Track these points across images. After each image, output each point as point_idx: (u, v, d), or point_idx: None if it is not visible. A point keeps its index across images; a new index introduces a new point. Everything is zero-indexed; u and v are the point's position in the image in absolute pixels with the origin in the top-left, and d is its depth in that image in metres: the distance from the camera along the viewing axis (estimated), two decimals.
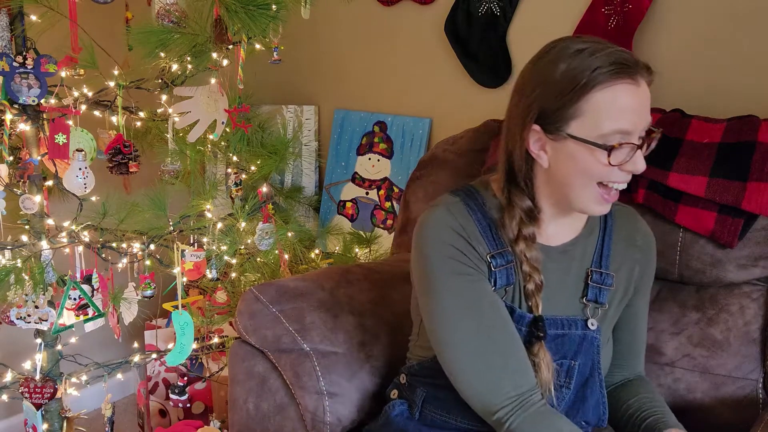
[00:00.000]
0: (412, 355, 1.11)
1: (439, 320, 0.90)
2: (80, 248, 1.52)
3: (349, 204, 2.13)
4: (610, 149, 0.83)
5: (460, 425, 1.00)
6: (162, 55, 1.53)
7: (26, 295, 1.48)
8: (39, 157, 1.50)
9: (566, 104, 0.84)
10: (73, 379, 1.65)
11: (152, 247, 1.58)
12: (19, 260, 1.45)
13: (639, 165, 0.85)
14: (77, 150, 1.45)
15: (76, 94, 1.49)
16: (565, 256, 0.96)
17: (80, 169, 1.46)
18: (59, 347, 1.63)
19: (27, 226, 1.54)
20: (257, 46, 1.67)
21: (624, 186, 0.88)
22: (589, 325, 0.95)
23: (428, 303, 0.92)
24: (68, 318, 1.51)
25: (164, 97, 1.64)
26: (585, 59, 0.83)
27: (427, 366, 1.02)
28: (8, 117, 1.44)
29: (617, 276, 0.98)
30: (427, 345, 1.03)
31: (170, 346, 1.84)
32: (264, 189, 1.73)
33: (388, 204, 2.04)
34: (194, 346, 1.72)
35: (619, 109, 0.82)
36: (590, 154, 0.84)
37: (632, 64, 0.83)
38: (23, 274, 1.44)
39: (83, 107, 1.50)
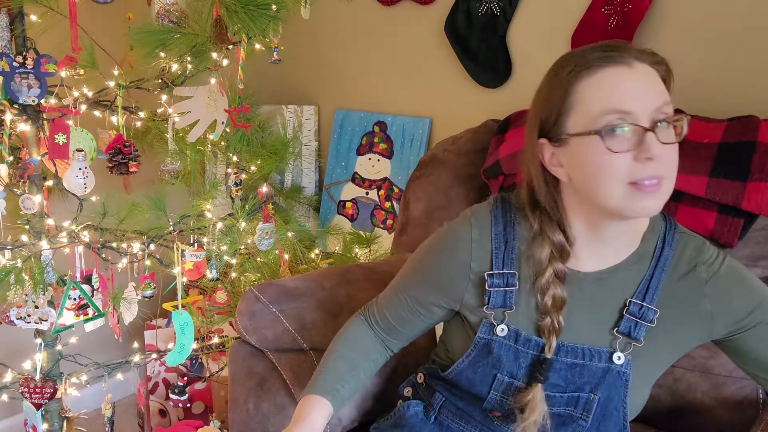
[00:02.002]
0: (436, 357, 1.10)
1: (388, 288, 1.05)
2: (80, 248, 1.52)
3: (349, 204, 2.13)
4: (600, 131, 0.78)
5: None
6: (162, 55, 1.53)
7: (26, 295, 1.48)
8: (39, 157, 1.50)
9: (557, 104, 0.82)
10: (73, 379, 1.65)
11: (152, 247, 1.58)
12: (19, 260, 1.45)
13: (652, 149, 0.77)
14: (77, 150, 1.45)
15: (76, 94, 1.50)
16: (599, 285, 0.89)
17: (80, 169, 1.46)
18: (59, 347, 1.63)
19: (27, 226, 1.54)
20: (257, 46, 1.68)
21: (654, 177, 0.79)
22: (615, 359, 0.88)
23: (397, 277, 1.04)
24: (68, 318, 1.51)
25: (164, 97, 1.64)
26: (571, 57, 0.82)
27: (448, 373, 1.00)
28: (8, 117, 1.44)
29: (664, 311, 0.88)
30: (450, 350, 1.03)
31: (170, 346, 1.84)
32: (264, 189, 1.73)
33: (388, 204, 2.04)
34: (194, 346, 1.72)
35: (607, 89, 0.78)
36: (592, 145, 0.79)
37: (619, 50, 0.80)
38: (23, 274, 1.44)
39: (83, 107, 1.50)
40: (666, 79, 0.85)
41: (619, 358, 0.88)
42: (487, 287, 0.91)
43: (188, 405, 1.95)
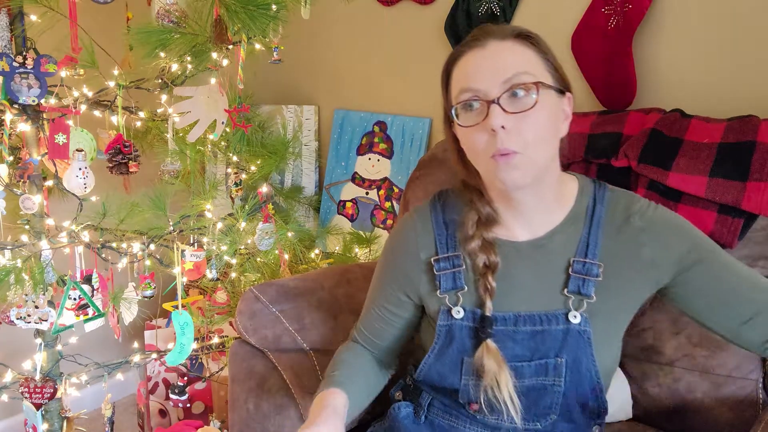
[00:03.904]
0: (414, 360, 1.11)
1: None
2: (80, 248, 1.52)
3: (349, 204, 2.13)
4: (451, 109, 0.87)
5: (469, 430, 1.00)
6: (162, 55, 1.53)
7: (26, 295, 1.48)
8: (39, 157, 1.50)
9: (444, 90, 0.92)
10: (73, 379, 1.65)
11: (152, 247, 1.58)
12: (19, 260, 1.45)
13: (490, 120, 0.81)
14: (77, 150, 1.45)
15: (76, 94, 1.50)
16: (539, 251, 0.93)
17: (80, 169, 1.46)
18: (59, 347, 1.63)
19: (27, 226, 1.54)
20: (257, 46, 1.68)
21: (505, 144, 0.81)
22: (571, 318, 0.90)
23: (367, 297, 1.09)
24: (68, 318, 1.51)
25: (164, 97, 1.65)
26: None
27: (418, 373, 1.02)
28: (8, 117, 1.44)
29: (608, 265, 0.90)
30: (425, 350, 1.03)
31: (170, 346, 1.84)
32: (264, 189, 1.73)
33: (388, 204, 2.04)
34: (194, 346, 1.72)
35: (462, 71, 0.86)
36: (457, 125, 0.87)
37: (479, 33, 0.87)
38: (23, 274, 1.44)
39: (83, 107, 1.50)
40: (544, 51, 0.87)
41: (575, 316, 0.90)
42: (435, 272, 0.95)
43: (188, 405, 1.95)
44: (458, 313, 0.94)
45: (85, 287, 1.51)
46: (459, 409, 1.00)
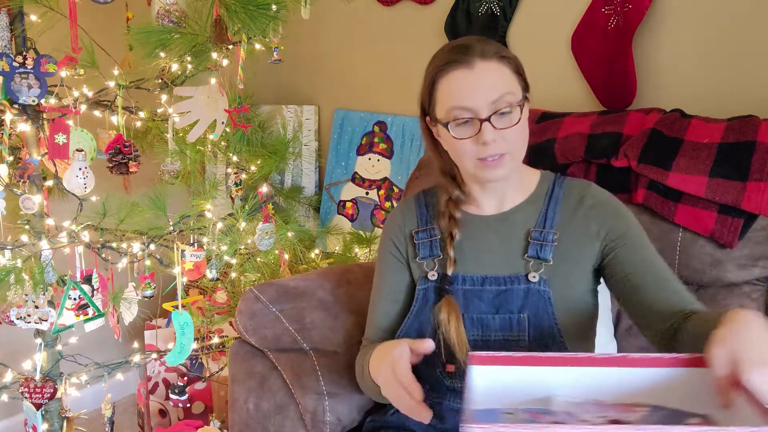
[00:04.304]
0: None
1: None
2: (80, 248, 1.52)
3: (349, 204, 2.13)
4: (446, 124, 0.98)
5: (453, 406, 1.04)
6: (162, 55, 1.53)
7: (26, 295, 1.48)
8: (39, 157, 1.50)
9: (428, 96, 1.03)
10: (73, 379, 1.65)
11: (152, 247, 1.58)
12: (19, 260, 1.45)
13: (483, 136, 0.95)
14: (77, 150, 1.45)
15: (76, 94, 1.50)
16: (504, 223, 1.07)
17: (80, 169, 1.46)
18: (59, 347, 1.63)
19: (27, 226, 1.54)
20: (257, 46, 1.68)
21: (494, 155, 0.95)
22: (530, 278, 1.02)
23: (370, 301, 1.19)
24: (68, 318, 1.51)
25: (164, 97, 1.64)
26: (435, 57, 1.02)
27: (403, 333, 1.08)
28: (8, 117, 1.44)
29: (563, 234, 1.04)
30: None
31: (170, 346, 1.84)
32: (264, 189, 1.73)
33: (388, 204, 2.04)
34: (194, 346, 1.72)
35: (452, 90, 0.97)
36: (446, 132, 0.99)
37: (463, 52, 0.97)
38: (23, 274, 1.44)
39: (83, 107, 1.50)
40: (518, 70, 1.00)
41: (534, 277, 1.03)
42: (415, 241, 1.11)
43: (188, 405, 1.95)
44: (433, 276, 1.07)
45: (85, 287, 1.51)
46: (441, 384, 1.05)
